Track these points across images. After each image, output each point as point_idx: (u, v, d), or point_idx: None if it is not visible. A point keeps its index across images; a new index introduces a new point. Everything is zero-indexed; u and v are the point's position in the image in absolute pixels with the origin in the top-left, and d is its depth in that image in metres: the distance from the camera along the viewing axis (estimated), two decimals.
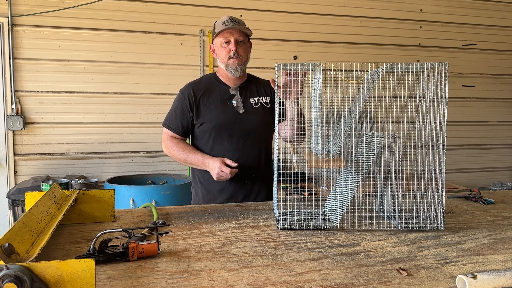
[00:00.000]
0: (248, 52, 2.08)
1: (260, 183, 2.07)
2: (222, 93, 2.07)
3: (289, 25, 4.15)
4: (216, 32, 2.02)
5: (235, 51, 1.99)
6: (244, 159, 2.01)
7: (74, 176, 3.56)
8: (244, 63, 2.05)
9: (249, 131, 2.03)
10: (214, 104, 2.04)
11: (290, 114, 1.82)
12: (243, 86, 2.10)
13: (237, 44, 2.00)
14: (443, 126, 1.35)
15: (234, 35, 1.99)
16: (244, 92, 2.09)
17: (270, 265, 1.07)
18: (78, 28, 3.67)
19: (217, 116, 2.02)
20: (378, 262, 1.10)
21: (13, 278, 0.73)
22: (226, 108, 2.04)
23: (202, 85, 2.11)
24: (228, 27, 1.97)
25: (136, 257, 1.09)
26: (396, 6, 4.46)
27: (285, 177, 1.53)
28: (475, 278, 0.92)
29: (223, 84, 2.10)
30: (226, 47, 2.01)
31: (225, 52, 2.01)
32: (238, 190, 2.03)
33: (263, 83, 2.17)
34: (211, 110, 2.04)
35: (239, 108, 2.04)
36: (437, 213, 1.38)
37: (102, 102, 3.78)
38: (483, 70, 4.81)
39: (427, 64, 1.37)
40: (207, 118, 2.03)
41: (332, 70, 1.36)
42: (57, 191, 1.38)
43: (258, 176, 2.06)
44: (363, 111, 1.39)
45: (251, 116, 2.04)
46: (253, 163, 2.05)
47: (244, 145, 2.03)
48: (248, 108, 2.06)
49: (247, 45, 2.07)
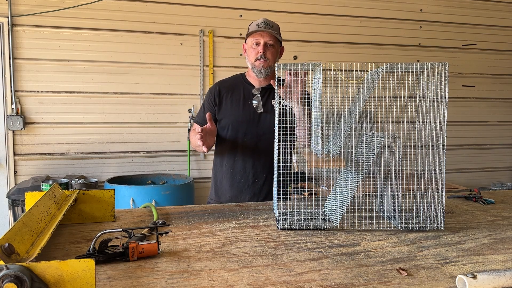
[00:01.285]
0: (276, 57, 2.11)
1: (270, 185, 2.09)
2: (246, 92, 2.13)
3: (289, 25, 4.15)
4: (249, 32, 2.07)
5: (263, 54, 2.03)
6: (256, 158, 2.08)
7: (74, 176, 3.56)
8: (270, 67, 2.08)
9: (264, 131, 2.06)
10: (236, 101, 2.12)
11: (298, 116, 1.83)
12: (267, 88, 2.13)
13: (266, 47, 2.04)
14: (443, 126, 1.35)
15: (265, 38, 2.03)
16: (267, 94, 2.13)
17: (270, 265, 1.07)
18: (78, 28, 3.67)
19: (235, 112, 2.09)
20: (378, 262, 1.10)
21: (13, 278, 0.73)
22: (246, 106, 2.10)
23: (229, 83, 2.19)
24: (260, 29, 2.02)
25: (136, 257, 1.09)
26: (396, 6, 4.46)
27: (285, 177, 1.53)
28: (475, 278, 0.92)
29: (249, 84, 2.16)
30: (256, 48, 2.05)
31: (254, 53, 2.06)
32: (247, 187, 2.10)
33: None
34: (232, 106, 2.11)
35: (258, 108, 2.09)
36: (437, 213, 1.38)
37: (102, 102, 3.78)
38: (483, 70, 4.81)
39: (427, 64, 1.37)
40: (226, 113, 2.11)
41: (332, 70, 1.36)
42: (57, 191, 1.38)
43: (268, 178, 2.08)
44: (363, 111, 1.39)
45: (268, 117, 2.08)
46: (265, 163, 2.06)
47: (257, 144, 2.08)
48: (267, 109, 2.09)
49: (276, 50, 2.10)
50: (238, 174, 2.10)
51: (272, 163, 2.11)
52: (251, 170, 2.09)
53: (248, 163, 2.09)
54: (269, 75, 2.13)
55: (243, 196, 2.09)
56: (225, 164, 2.14)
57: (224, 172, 2.14)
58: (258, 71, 2.07)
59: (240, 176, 2.10)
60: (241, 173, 2.10)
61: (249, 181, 2.10)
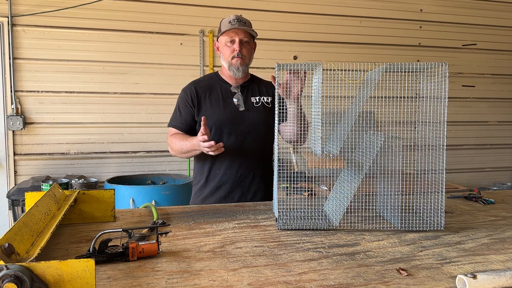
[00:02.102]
0: (251, 53, 2.09)
1: (258, 183, 2.07)
2: (223, 91, 2.08)
3: (289, 25, 4.15)
4: (222, 31, 2.03)
5: (239, 51, 2.00)
6: (242, 157, 2.02)
7: (74, 176, 3.56)
8: (247, 64, 2.06)
9: (249, 130, 2.04)
10: (215, 102, 2.06)
11: (291, 114, 1.82)
12: (245, 85, 2.11)
13: (242, 44, 2.01)
14: (443, 126, 1.35)
15: (239, 35, 2.00)
16: (246, 91, 2.10)
17: (270, 265, 1.07)
18: (78, 28, 3.67)
19: (217, 113, 2.03)
20: (378, 262, 1.10)
21: (13, 278, 0.73)
22: (227, 105, 2.05)
23: (204, 83, 2.12)
24: (234, 27, 1.98)
25: (136, 257, 1.09)
26: (396, 6, 4.46)
27: (285, 177, 1.53)
28: (475, 278, 0.92)
29: (225, 83, 2.11)
30: (231, 46, 2.02)
31: (229, 51, 2.02)
32: (235, 188, 2.04)
33: (265, 83, 2.18)
34: (212, 106, 2.05)
35: (240, 105, 2.05)
36: (437, 213, 1.38)
37: (102, 102, 3.78)
38: (483, 70, 4.81)
39: (427, 64, 1.37)
40: (207, 114, 2.02)
41: (332, 70, 1.36)
42: (57, 191, 1.38)
43: (256, 176, 2.06)
44: (363, 111, 1.39)
45: (251, 114, 2.05)
46: (252, 161, 2.04)
47: (243, 143, 2.03)
48: (249, 107, 2.06)
49: (251, 46, 2.08)
50: (225, 175, 2.03)
51: (258, 160, 2.09)
52: (238, 170, 2.03)
53: (235, 163, 2.03)
54: (246, 73, 2.10)
55: (231, 197, 2.03)
56: (210, 166, 2.06)
57: (210, 174, 2.06)
58: (236, 69, 2.02)
59: (227, 177, 2.03)
60: (228, 174, 2.03)
61: (236, 181, 2.03)
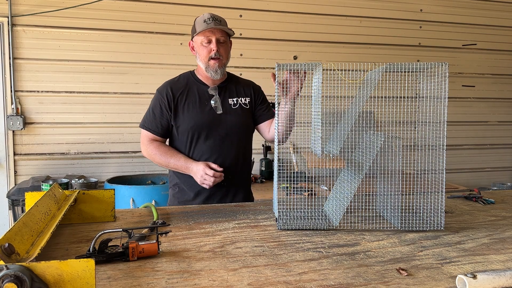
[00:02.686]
0: (229, 52, 2.02)
1: (237, 186, 2.02)
2: (200, 93, 2.01)
3: (289, 25, 4.15)
4: (197, 31, 1.95)
5: (217, 51, 1.93)
6: (221, 161, 1.95)
7: (74, 176, 3.56)
8: (225, 64, 2.00)
9: (227, 133, 1.98)
10: (192, 104, 1.98)
11: (284, 113, 1.77)
12: (222, 86, 2.04)
13: (219, 44, 1.94)
14: (443, 126, 1.35)
15: (216, 34, 1.93)
16: (223, 92, 2.03)
17: (270, 265, 1.07)
18: (78, 28, 3.67)
19: (194, 116, 1.96)
20: (378, 262, 1.10)
21: (13, 278, 0.73)
22: (204, 108, 1.98)
23: (180, 84, 2.04)
24: (210, 26, 1.91)
25: (136, 257, 1.09)
26: (396, 6, 4.46)
27: (285, 177, 1.53)
28: (475, 278, 0.92)
29: (201, 84, 2.03)
30: (207, 46, 1.94)
31: (206, 51, 1.95)
32: (214, 193, 1.97)
33: (243, 83, 2.12)
34: (189, 110, 1.97)
35: (217, 108, 1.98)
36: (437, 213, 1.38)
37: (102, 102, 3.78)
38: (483, 70, 4.81)
39: (427, 64, 1.37)
40: (184, 118, 1.97)
41: (332, 70, 1.36)
42: (57, 191, 1.38)
43: (234, 178, 2.00)
44: (363, 111, 1.39)
45: (229, 117, 1.99)
46: (230, 165, 1.98)
47: (221, 146, 1.97)
48: (226, 109, 2.00)
49: (228, 45, 2.01)
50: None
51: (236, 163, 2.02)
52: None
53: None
54: (224, 74, 2.04)
55: (210, 202, 1.94)
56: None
57: (187, 180, 1.98)
58: (214, 71, 1.95)
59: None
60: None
61: (216, 185, 1.92)
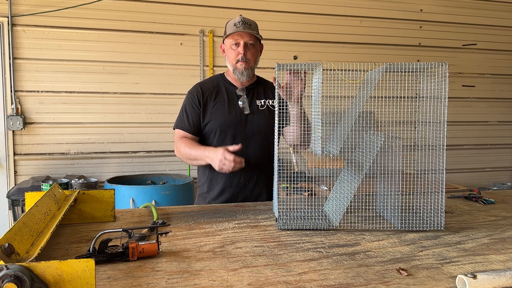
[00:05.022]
0: (257, 56, 2.07)
1: (261, 187, 2.06)
2: (229, 93, 2.07)
3: (289, 25, 4.15)
4: (227, 33, 2.01)
5: (244, 55, 1.98)
6: (246, 161, 1.96)
7: (74, 176, 3.56)
8: (252, 67, 2.04)
9: (253, 133, 2.02)
10: (221, 104, 2.04)
11: (293, 116, 1.80)
12: (250, 88, 2.10)
13: (246, 47, 1.99)
14: (443, 126, 1.35)
15: (244, 38, 1.98)
16: (251, 94, 2.08)
17: (270, 265, 1.07)
18: (78, 28, 3.67)
19: (223, 115, 2.02)
20: (378, 262, 1.10)
21: (13, 278, 0.73)
22: (232, 108, 2.04)
23: (210, 85, 2.11)
24: (238, 29, 1.96)
25: (136, 257, 1.09)
26: (396, 6, 4.46)
27: (285, 177, 1.53)
28: (475, 278, 0.92)
29: (230, 85, 2.09)
30: (235, 49, 2.00)
31: (234, 54, 2.01)
32: (238, 192, 2.02)
33: (271, 85, 2.16)
34: (217, 109, 2.04)
35: (245, 108, 2.04)
36: (437, 213, 1.38)
37: (102, 102, 3.78)
38: (483, 70, 4.81)
39: (427, 64, 1.37)
40: (212, 116, 2.03)
41: (332, 70, 1.36)
42: (57, 191, 1.38)
43: (259, 179, 2.04)
44: (363, 111, 1.39)
45: (256, 117, 2.04)
46: (256, 165, 2.02)
47: (247, 146, 2.00)
48: (254, 110, 2.05)
49: (256, 49, 2.05)
50: (229, 178, 2.01)
51: (262, 164, 2.06)
52: (242, 173, 1.98)
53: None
54: (252, 76, 2.09)
55: (234, 201, 2.00)
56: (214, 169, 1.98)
57: (214, 177, 2.04)
58: (240, 73, 2.01)
59: (230, 181, 2.01)
60: (231, 177, 2.01)
61: (240, 184, 2.01)
